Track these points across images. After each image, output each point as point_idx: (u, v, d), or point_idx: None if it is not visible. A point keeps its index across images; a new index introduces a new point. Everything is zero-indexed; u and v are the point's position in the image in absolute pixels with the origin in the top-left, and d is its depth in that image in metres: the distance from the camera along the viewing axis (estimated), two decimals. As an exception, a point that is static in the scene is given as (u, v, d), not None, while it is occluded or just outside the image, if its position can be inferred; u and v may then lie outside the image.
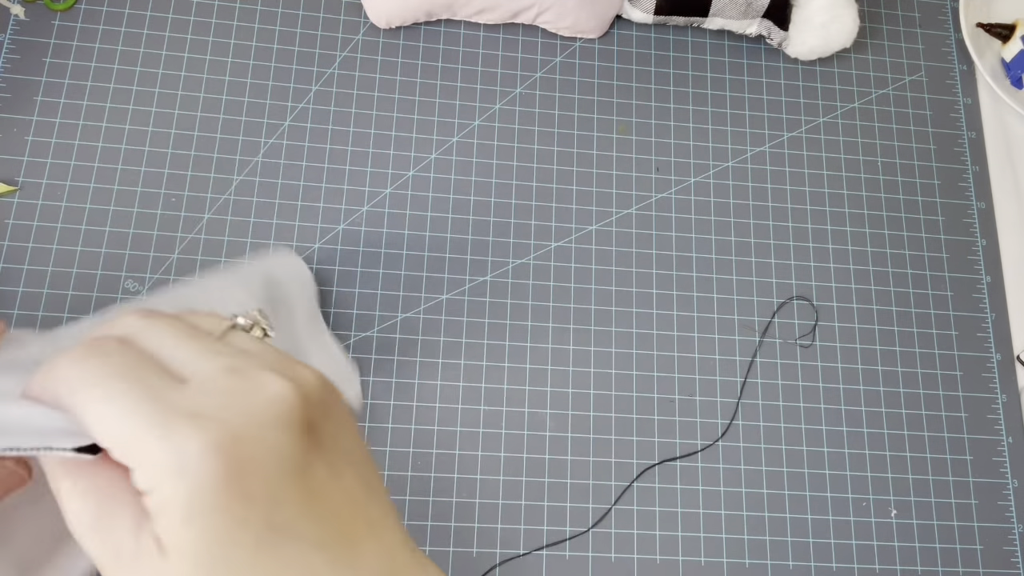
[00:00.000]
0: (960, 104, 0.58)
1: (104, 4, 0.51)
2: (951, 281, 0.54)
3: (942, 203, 0.56)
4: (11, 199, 0.47)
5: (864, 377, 0.51)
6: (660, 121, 0.55)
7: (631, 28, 0.56)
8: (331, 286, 0.48)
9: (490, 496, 0.46)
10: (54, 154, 0.48)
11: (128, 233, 0.48)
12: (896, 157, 0.56)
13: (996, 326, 0.53)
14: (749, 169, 0.54)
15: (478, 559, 0.45)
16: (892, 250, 0.54)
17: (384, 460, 0.46)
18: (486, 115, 0.53)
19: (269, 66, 0.52)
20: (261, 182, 0.50)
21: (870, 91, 0.58)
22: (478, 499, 0.46)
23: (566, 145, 0.53)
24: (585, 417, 0.48)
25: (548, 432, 0.48)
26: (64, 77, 0.50)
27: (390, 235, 0.50)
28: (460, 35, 0.54)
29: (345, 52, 0.53)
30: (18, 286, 0.46)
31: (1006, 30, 0.58)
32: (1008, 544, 0.49)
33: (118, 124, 0.49)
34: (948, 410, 0.51)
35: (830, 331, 0.52)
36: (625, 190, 0.53)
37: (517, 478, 0.47)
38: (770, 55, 0.57)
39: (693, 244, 0.52)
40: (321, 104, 0.52)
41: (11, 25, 0.50)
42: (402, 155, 0.51)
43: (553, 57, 0.55)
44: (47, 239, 0.47)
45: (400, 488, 0.46)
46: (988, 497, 0.50)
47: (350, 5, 0.54)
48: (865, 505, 0.49)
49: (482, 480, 0.46)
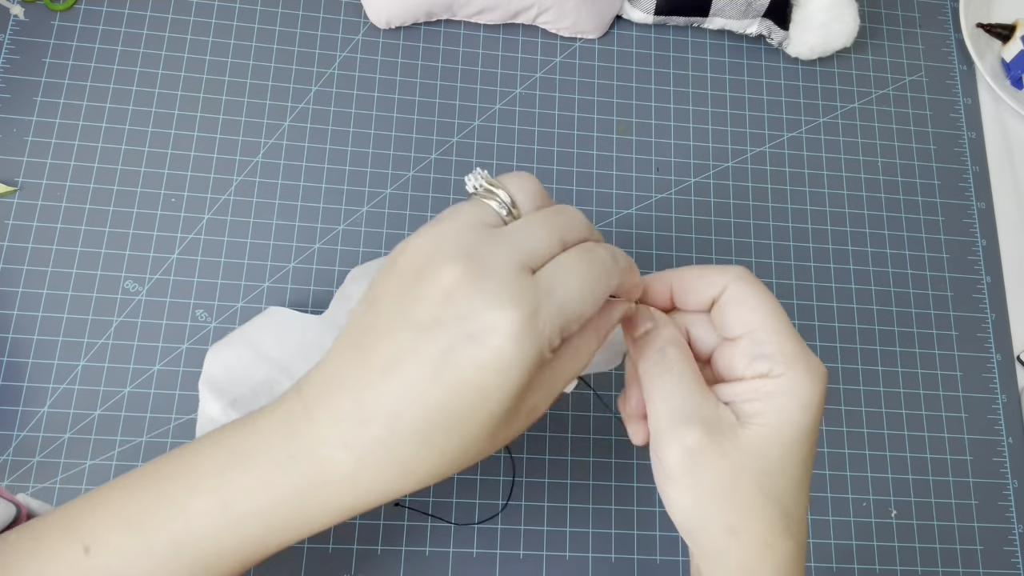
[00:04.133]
0: (960, 104, 0.58)
1: (104, 4, 0.51)
2: (951, 281, 0.54)
3: (942, 203, 0.56)
4: (11, 199, 0.47)
5: (864, 377, 0.51)
6: (660, 121, 0.55)
7: (631, 28, 0.56)
8: (331, 287, 0.48)
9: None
10: (54, 154, 0.48)
11: (128, 233, 0.48)
12: (896, 157, 0.56)
13: (996, 326, 0.53)
14: (749, 169, 0.54)
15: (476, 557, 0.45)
16: (892, 250, 0.54)
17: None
18: (486, 115, 0.53)
19: (269, 66, 0.52)
20: (261, 182, 0.50)
21: (870, 91, 0.58)
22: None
23: (566, 145, 0.53)
24: (585, 418, 0.48)
25: (548, 433, 0.48)
26: (64, 77, 0.50)
27: (390, 236, 0.50)
28: (460, 35, 0.54)
29: (345, 52, 0.53)
30: (18, 286, 0.46)
31: (1006, 30, 0.58)
32: (1008, 544, 0.49)
33: (118, 124, 0.49)
34: (948, 410, 0.51)
35: (830, 331, 0.52)
36: (625, 190, 0.53)
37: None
38: (770, 55, 0.57)
39: (693, 244, 0.52)
40: (321, 104, 0.52)
41: (11, 25, 0.50)
42: (402, 155, 0.51)
43: (553, 57, 0.55)
44: (47, 239, 0.47)
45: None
46: (988, 497, 0.50)
47: (350, 5, 0.54)
48: (865, 505, 0.49)
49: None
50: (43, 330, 0.45)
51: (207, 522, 0.26)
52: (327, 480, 0.25)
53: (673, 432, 0.27)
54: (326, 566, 0.44)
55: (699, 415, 0.27)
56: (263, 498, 0.26)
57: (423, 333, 0.24)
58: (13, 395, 0.44)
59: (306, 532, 0.26)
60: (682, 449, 0.26)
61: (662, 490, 0.28)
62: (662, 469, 0.27)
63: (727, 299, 0.29)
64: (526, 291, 0.24)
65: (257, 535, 0.26)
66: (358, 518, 0.45)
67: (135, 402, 0.45)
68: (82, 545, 0.26)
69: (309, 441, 0.25)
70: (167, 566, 0.26)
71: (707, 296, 0.29)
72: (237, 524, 0.26)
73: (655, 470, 0.28)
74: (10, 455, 0.43)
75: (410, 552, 0.45)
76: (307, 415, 0.26)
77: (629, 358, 0.32)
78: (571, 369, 0.26)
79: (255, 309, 0.47)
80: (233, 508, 0.26)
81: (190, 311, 0.47)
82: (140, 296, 0.47)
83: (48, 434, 0.44)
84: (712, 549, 0.27)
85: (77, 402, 0.45)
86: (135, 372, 0.45)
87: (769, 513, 0.27)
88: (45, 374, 0.45)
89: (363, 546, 0.44)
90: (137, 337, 0.46)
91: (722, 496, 0.26)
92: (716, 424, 0.27)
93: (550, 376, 0.26)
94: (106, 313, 0.46)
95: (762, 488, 0.26)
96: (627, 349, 0.31)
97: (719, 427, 0.27)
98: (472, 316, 0.23)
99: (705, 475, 0.26)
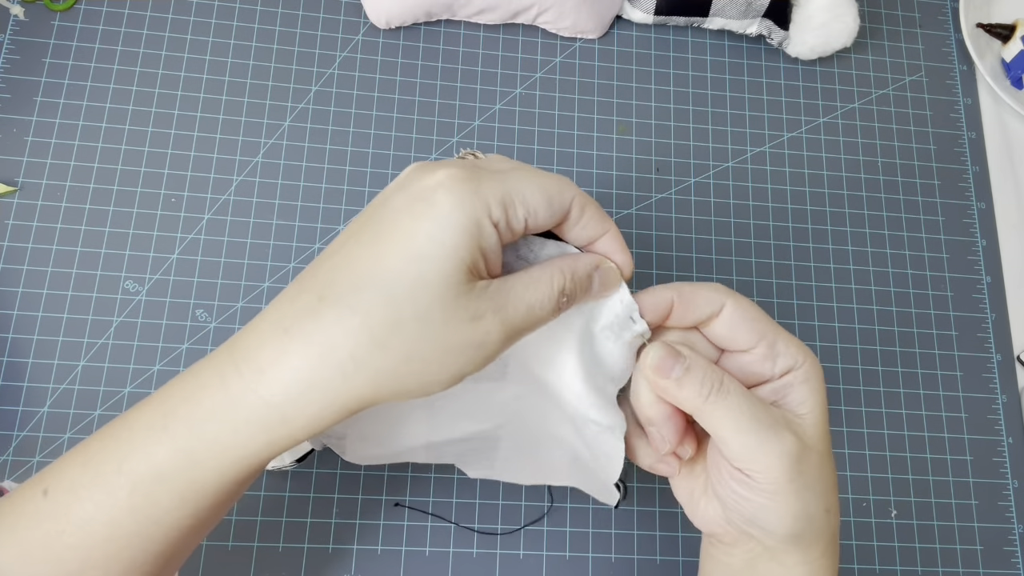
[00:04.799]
0: (960, 104, 0.58)
1: (104, 4, 0.51)
2: (951, 281, 0.54)
3: (942, 203, 0.56)
4: (11, 199, 0.47)
5: (864, 377, 0.51)
6: (660, 121, 0.55)
7: (631, 28, 0.56)
8: (331, 286, 0.48)
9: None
10: (54, 154, 0.48)
11: (128, 233, 0.48)
12: (896, 157, 0.56)
13: (996, 326, 0.53)
14: (749, 169, 0.54)
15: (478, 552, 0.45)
16: (892, 250, 0.54)
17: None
18: (486, 115, 0.53)
19: (269, 66, 0.52)
20: (261, 182, 0.50)
21: (870, 91, 0.58)
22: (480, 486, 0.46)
23: (566, 145, 0.53)
24: (585, 417, 0.48)
25: (548, 432, 0.48)
26: (64, 77, 0.50)
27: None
28: (460, 35, 0.54)
29: (345, 52, 0.53)
30: (18, 286, 0.46)
31: (1006, 30, 0.58)
32: (1008, 544, 0.49)
33: (118, 124, 0.49)
34: (948, 410, 0.51)
35: (830, 331, 0.52)
36: (625, 190, 0.53)
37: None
38: (770, 55, 0.57)
39: (693, 244, 0.52)
40: (321, 104, 0.52)
41: (11, 25, 0.50)
42: (402, 155, 0.51)
43: (553, 57, 0.55)
44: (47, 239, 0.47)
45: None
46: (988, 497, 0.50)
47: (350, 5, 0.54)
48: (865, 505, 0.49)
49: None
50: (43, 330, 0.45)
51: (146, 439, 0.26)
52: (258, 370, 0.25)
53: (766, 443, 0.28)
54: (326, 566, 0.44)
55: (780, 421, 0.28)
56: (199, 405, 0.25)
57: (371, 216, 0.25)
58: (13, 395, 0.44)
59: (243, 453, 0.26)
60: (784, 456, 0.28)
61: (760, 505, 0.29)
62: (755, 485, 0.28)
63: (730, 315, 0.30)
64: (468, 163, 0.25)
65: (191, 448, 0.25)
66: (358, 518, 0.45)
67: (135, 402, 0.45)
68: (42, 489, 0.27)
69: (247, 338, 0.26)
70: (111, 494, 0.26)
71: (706, 313, 0.30)
72: (174, 439, 0.25)
73: (738, 489, 0.29)
74: (10, 455, 0.43)
75: (410, 552, 0.45)
76: (255, 320, 0.26)
77: (637, 406, 0.31)
78: (526, 298, 0.26)
79: (255, 309, 0.47)
80: (172, 420, 0.26)
81: (190, 311, 0.47)
82: (140, 296, 0.47)
83: (48, 434, 0.44)
84: (815, 533, 0.29)
85: (77, 402, 0.45)
86: (135, 372, 0.45)
87: (836, 483, 0.30)
88: (45, 374, 0.45)
89: (363, 546, 0.44)
90: (137, 337, 0.46)
91: (819, 485, 0.29)
92: (790, 424, 0.29)
93: (502, 289, 0.26)
94: (106, 313, 0.46)
95: (831, 466, 0.30)
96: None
97: (792, 426, 0.28)
98: (414, 183, 0.25)
99: (806, 473, 0.28)
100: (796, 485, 0.28)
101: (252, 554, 0.44)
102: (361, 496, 0.45)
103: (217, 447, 0.25)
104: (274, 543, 0.44)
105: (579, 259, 0.28)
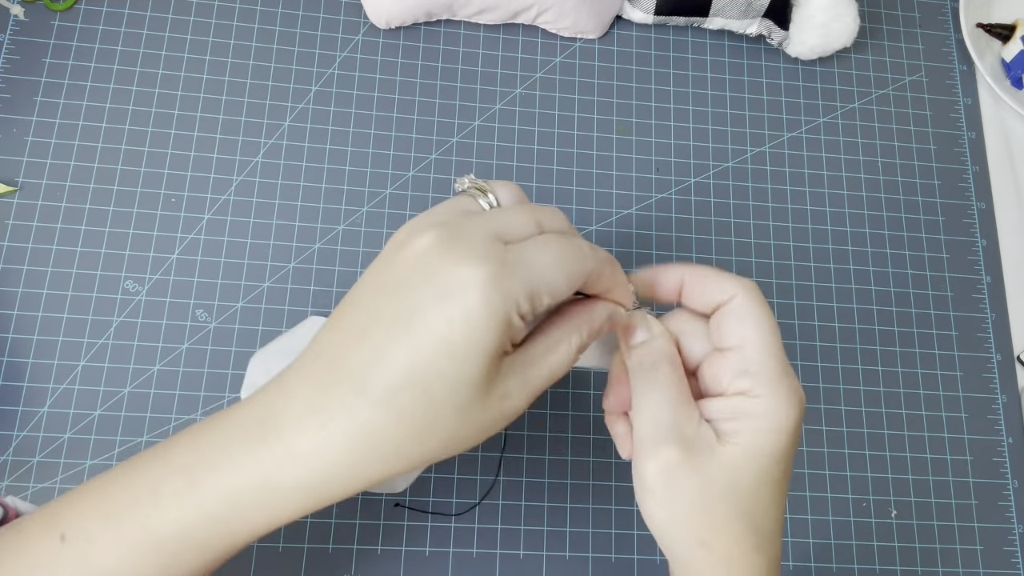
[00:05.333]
0: (960, 104, 0.58)
1: (104, 4, 0.51)
2: (951, 281, 0.54)
3: (942, 203, 0.56)
4: (11, 199, 0.47)
5: (864, 377, 0.51)
6: (660, 121, 0.55)
7: (631, 28, 0.56)
8: (331, 287, 0.48)
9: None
10: (54, 154, 0.48)
11: (128, 233, 0.48)
12: (896, 157, 0.56)
13: (996, 326, 0.53)
14: (749, 169, 0.54)
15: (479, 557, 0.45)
16: (892, 250, 0.54)
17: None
18: (486, 115, 0.53)
19: (269, 66, 0.52)
20: (261, 182, 0.50)
21: (870, 91, 0.58)
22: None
23: (566, 145, 0.53)
24: (585, 418, 0.48)
25: (548, 432, 0.48)
26: (64, 77, 0.50)
27: (390, 236, 0.50)
28: (460, 35, 0.54)
29: (345, 52, 0.53)
30: (18, 286, 0.46)
31: (1006, 30, 0.58)
32: (1008, 545, 0.49)
33: (118, 124, 0.49)
34: (948, 410, 0.51)
35: (830, 331, 0.52)
36: (625, 190, 0.53)
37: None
38: (770, 55, 0.57)
39: (693, 244, 0.52)
40: (321, 104, 0.52)
41: (11, 25, 0.50)
42: (402, 155, 0.51)
43: (553, 57, 0.55)
44: (47, 239, 0.47)
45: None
46: (988, 498, 0.50)
47: (350, 5, 0.54)
48: (865, 506, 0.49)
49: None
50: (43, 330, 0.45)
51: (174, 503, 0.26)
52: (295, 455, 0.25)
53: (653, 448, 0.28)
54: (326, 566, 0.44)
55: (679, 433, 0.28)
56: (232, 476, 0.25)
57: (393, 296, 0.25)
58: (13, 395, 0.44)
59: (276, 519, 0.26)
60: (659, 465, 0.27)
61: (640, 500, 0.29)
62: (640, 481, 0.28)
63: (731, 308, 0.29)
64: (493, 252, 0.25)
65: (224, 517, 0.26)
66: (358, 518, 0.45)
67: (135, 402, 0.45)
68: (59, 533, 0.27)
69: (279, 417, 0.25)
70: (135, 551, 0.26)
71: (715, 300, 0.30)
72: (204, 505, 0.26)
73: (635, 480, 0.29)
74: (10, 455, 0.43)
75: (410, 552, 0.45)
76: (281, 391, 0.26)
77: (617, 358, 0.32)
78: (548, 361, 0.27)
79: (255, 309, 0.47)
80: (201, 488, 0.26)
81: (190, 311, 0.47)
82: (140, 296, 0.47)
83: (48, 434, 0.44)
84: (684, 561, 0.28)
85: (77, 402, 0.45)
86: (135, 372, 0.45)
87: (738, 529, 0.28)
88: (45, 374, 0.45)
89: (363, 546, 0.44)
90: (137, 337, 0.46)
91: (695, 511, 0.27)
92: (694, 442, 0.28)
93: (526, 360, 0.26)
94: (106, 313, 0.46)
95: (733, 505, 0.27)
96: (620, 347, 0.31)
97: (697, 445, 0.28)
98: (439, 274, 0.24)
99: (679, 490, 0.27)
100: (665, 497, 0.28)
101: (252, 554, 0.44)
102: (361, 496, 0.45)
103: (252, 516, 0.26)
104: (274, 543, 0.44)
105: (593, 312, 0.29)
